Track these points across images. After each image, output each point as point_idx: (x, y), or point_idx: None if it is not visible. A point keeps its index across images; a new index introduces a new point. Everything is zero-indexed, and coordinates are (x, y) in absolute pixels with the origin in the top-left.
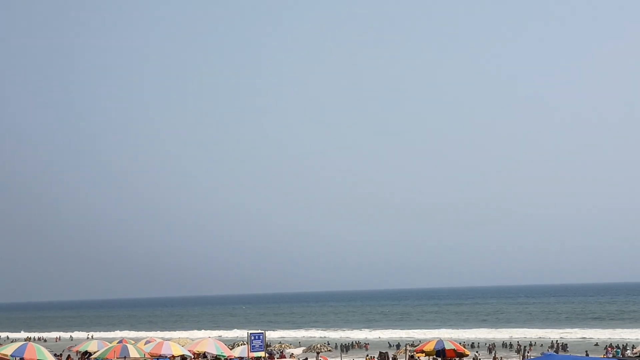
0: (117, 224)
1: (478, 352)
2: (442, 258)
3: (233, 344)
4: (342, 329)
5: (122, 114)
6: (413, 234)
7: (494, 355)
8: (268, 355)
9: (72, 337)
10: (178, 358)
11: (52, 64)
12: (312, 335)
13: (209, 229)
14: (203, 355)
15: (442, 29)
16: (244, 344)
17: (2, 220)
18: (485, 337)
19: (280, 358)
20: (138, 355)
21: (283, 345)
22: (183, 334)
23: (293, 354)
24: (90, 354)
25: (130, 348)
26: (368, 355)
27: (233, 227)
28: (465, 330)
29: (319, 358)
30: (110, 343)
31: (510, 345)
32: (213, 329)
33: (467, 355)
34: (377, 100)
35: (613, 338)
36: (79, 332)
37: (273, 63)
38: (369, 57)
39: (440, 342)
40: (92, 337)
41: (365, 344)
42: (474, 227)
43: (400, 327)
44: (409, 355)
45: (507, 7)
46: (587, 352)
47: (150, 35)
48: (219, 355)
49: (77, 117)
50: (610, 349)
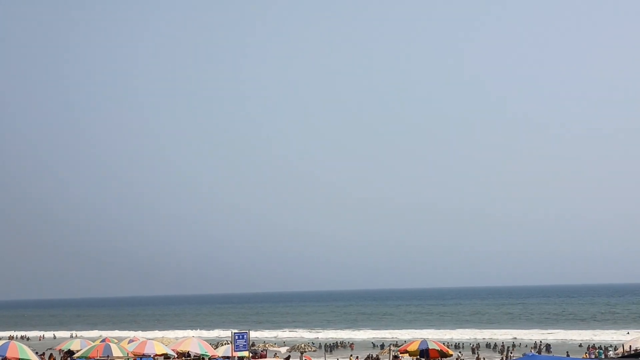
0: (113, 223)
1: (461, 352)
2: (426, 259)
3: (217, 344)
4: (326, 329)
5: (120, 115)
6: (399, 235)
7: (477, 356)
8: (252, 355)
9: (55, 336)
10: (161, 357)
11: (49, 64)
12: (296, 336)
13: (206, 229)
14: (187, 355)
15: (441, 30)
16: (228, 344)
17: None
18: (469, 337)
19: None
20: (121, 355)
21: (267, 345)
22: (167, 334)
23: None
24: (73, 353)
25: (113, 347)
26: (352, 355)
27: (230, 227)
28: (449, 331)
29: (303, 358)
30: (94, 342)
31: (495, 346)
32: (196, 328)
33: (450, 356)
34: (375, 102)
35: (594, 339)
36: (63, 331)
37: (271, 65)
38: (366, 59)
39: (424, 342)
40: (75, 336)
41: (350, 344)
42: (459, 228)
43: (384, 327)
44: (393, 356)
45: (508, 13)
46: (567, 352)
47: (147, 36)
48: (203, 355)
49: (74, 116)
50: (593, 350)
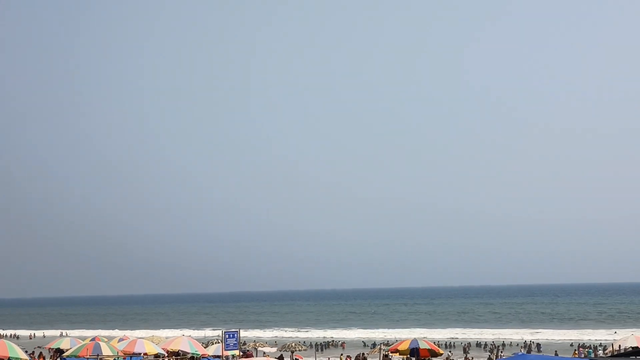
0: (110, 221)
1: (451, 351)
2: (426, 259)
3: (207, 343)
4: (317, 328)
5: (120, 114)
6: (398, 235)
7: (466, 356)
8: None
9: (44, 334)
10: (152, 356)
11: (48, 63)
12: (287, 335)
13: (203, 227)
14: (177, 354)
15: (441, 31)
16: (219, 343)
17: None
18: (460, 337)
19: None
20: (111, 353)
21: (257, 344)
22: (158, 333)
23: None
24: (63, 352)
25: (103, 346)
26: (342, 355)
27: (227, 225)
28: (440, 330)
29: (294, 357)
30: (83, 341)
31: (485, 345)
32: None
33: (440, 355)
34: (375, 103)
35: (583, 339)
36: (53, 330)
37: (272, 65)
38: (366, 59)
39: (415, 341)
40: (65, 334)
41: (342, 343)
42: (458, 228)
43: (375, 326)
44: (383, 355)
45: (509, 14)
46: (556, 352)
47: (150, 38)
48: (193, 354)
49: (76, 116)
50: (582, 349)
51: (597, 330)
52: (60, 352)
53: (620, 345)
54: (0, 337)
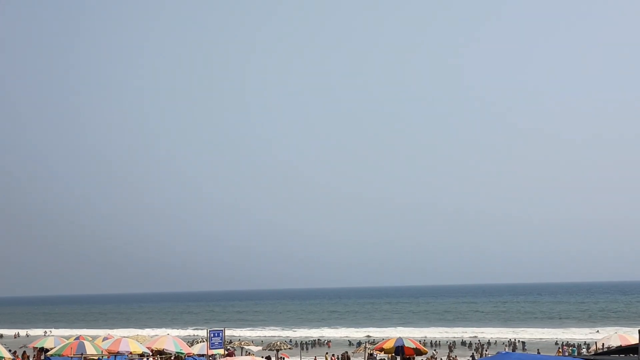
0: (105, 220)
1: (436, 350)
2: (424, 258)
3: (192, 341)
4: (303, 327)
5: (120, 115)
6: (397, 235)
7: (448, 354)
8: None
9: (28, 334)
10: (136, 355)
11: (47, 63)
12: (273, 334)
13: (201, 228)
14: (161, 353)
15: (441, 34)
16: (204, 342)
17: None
18: (445, 335)
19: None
20: (95, 352)
21: (242, 343)
22: (142, 332)
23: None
24: (47, 351)
25: (87, 345)
26: (328, 353)
27: (226, 225)
28: (425, 329)
29: (280, 356)
30: (67, 340)
31: (470, 344)
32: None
33: (425, 353)
34: (374, 104)
35: (566, 337)
36: (37, 328)
37: (268, 64)
38: (366, 61)
39: (400, 340)
40: (50, 332)
41: (328, 342)
42: (457, 228)
43: (363, 325)
44: (368, 354)
45: (509, 18)
46: (538, 350)
47: (147, 36)
48: (178, 353)
49: (76, 116)
50: (566, 348)
51: (580, 329)
52: (44, 351)
53: (604, 344)
54: None
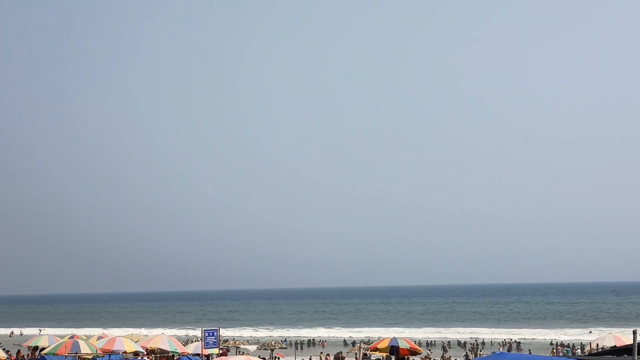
0: (99, 219)
1: (431, 350)
2: (422, 258)
3: (187, 341)
4: (298, 327)
5: (109, 112)
6: (395, 235)
7: (442, 354)
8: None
9: (22, 332)
10: (131, 354)
11: (43, 62)
12: (268, 334)
13: (196, 227)
14: (156, 352)
15: (439, 35)
16: (198, 341)
17: None
18: (440, 335)
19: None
20: (89, 351)
21: (237, 343)
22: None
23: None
24: (42, 349)
25: (82, 344)
26: (322, 353)
27: (227, 226)
28: (420, 329)
29: (274, 355)
30: (62, 339)
31: (465, 344)
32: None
33: (420, 353)
34: (373, 105)
35: (559, 338)
36: (31, 327)
37: (268, 63)
38: (364, 63)
39: (394, 340)
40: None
41: (322, 342)
42: (455, 228)
43: (358, 325)
44: (363, 353)
45: (507, 19)
46: (530, 350)
47: (144, 37)
48: (173, 352)
49: (71, 117)
50: (560, 348)
51: (572, 329)
52: (39, 349)
53: (598, 344)
54: None
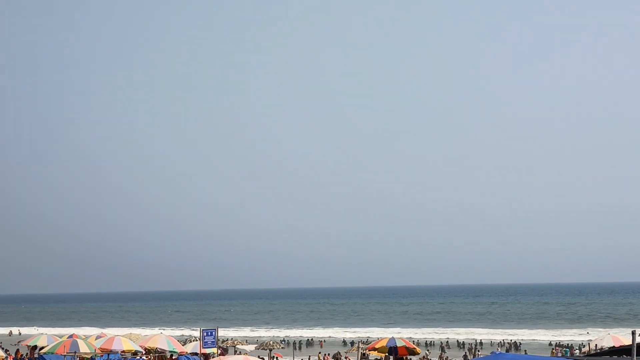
0: (82, 219)
1: (429, 350)
2: (420, 257)
3: (185, 341)
4: (296, 327)
5: (91, 108)
6: (393, 234)
7: (440, 354)
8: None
9: (20, 332)
10: (129, 354)
11: (20, 60)
12: (266, 334)
13: (179, 227)
14: (155, 351)
15: (438, 33)
16: (197, 340)
17: None
18: (438, 336)
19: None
20: (88, 350)
21: (235, 342)
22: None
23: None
24: (40, 349)
25: (81, 343)
26: (321, 353)
27: (203, 225)
28: (419, 329)
29: (272, 355)
30: (60, 338)
31: (463, 344)
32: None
33: (418, 353)
34: (371, 103)
35: (557, 338)
36: (31, 327)
37: (269, 64)
38: (362, 60)
39: (393, 340)
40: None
41: (320, 342)
42: (454, 227)
43: (356, 325)
44: (361, 353)
45: (508, 17)
46: (525, 350)
47: (125, 32)
48: (171, 351)
49: (45, 110)
50: (558, 349)
51: (570, 330)
52: (38, 349)
53: (597, 345)
54: None
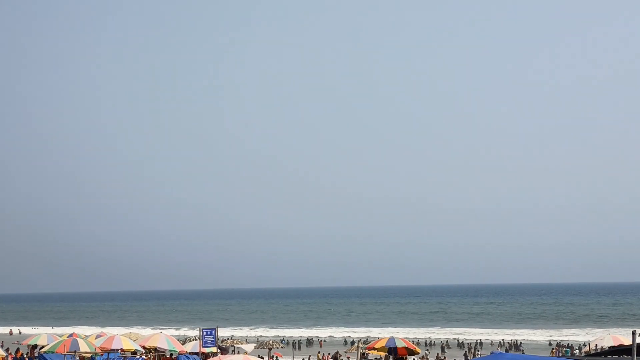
0: (65, 220)
1: (429, 350)
2: (418, 257)
3: (184, 340)
4: (297, 327)
5: (70, 103)
6: (392, 233)
7: (438, 354)
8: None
9: (20, 331)
10: (129, 353)
11: (1, 59)
12: (265, 333)
13: (178, 227)
14: (154, 350)
15: (436, 31)
16: (196, 340)
17: None
18: (438, 336)
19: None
20: (88, 349)
21: (235, 342)
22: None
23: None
24: (41, 348)
25: (81, 342)
26: (320, 352)
27: (203, 224)
28: (419, 329)
29: (272, 354)
30: (60, 337)
31: (463, 344)
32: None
33: (417, 353)
34: (373, 103)
35: (557, 338)
36: (28, 326)
37: (269, 63)
38: (363, 57)
39: (392, 339)
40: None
41: (320, 341)
42: (453, 227)
43: (356, 324)
44: (361, 353)
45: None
46: (522, 350)
47: (105, 27)
48: (171, 351)
49: (14, 102)
50: (559, 349)
51: (570, 330)
52: (38, 348)
53: (597, 345)
54: None
